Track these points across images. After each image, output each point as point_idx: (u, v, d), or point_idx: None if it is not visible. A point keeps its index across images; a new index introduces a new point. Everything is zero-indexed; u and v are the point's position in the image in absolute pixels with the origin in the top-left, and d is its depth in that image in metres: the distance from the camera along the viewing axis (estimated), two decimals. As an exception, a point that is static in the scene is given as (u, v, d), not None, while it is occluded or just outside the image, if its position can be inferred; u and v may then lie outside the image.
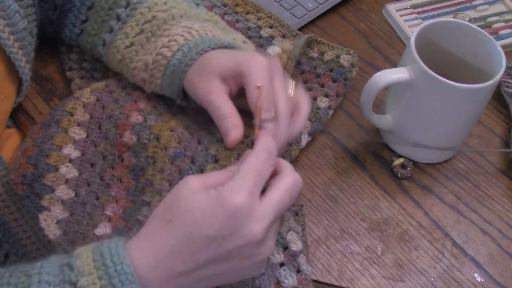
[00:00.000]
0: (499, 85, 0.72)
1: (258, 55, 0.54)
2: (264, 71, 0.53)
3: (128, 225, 0.54)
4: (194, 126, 0.60)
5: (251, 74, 0.52)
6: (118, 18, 0.63)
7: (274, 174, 0.48)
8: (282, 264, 0.55)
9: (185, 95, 0.58)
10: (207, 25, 0.60)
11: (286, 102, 0.53)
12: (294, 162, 0.66)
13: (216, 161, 0.54)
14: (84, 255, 0.44)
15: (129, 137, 0.58)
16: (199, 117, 0.61)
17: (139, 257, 0.44)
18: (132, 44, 0.62)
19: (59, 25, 0.68)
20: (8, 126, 0.66)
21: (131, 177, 0.57)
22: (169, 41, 0.58)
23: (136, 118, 0.59)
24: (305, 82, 0.70)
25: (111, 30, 0.64)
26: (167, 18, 0.61)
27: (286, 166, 0.48)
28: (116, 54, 0.63)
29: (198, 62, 0.55)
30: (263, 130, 0.51)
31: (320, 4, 0.82)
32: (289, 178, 0.47)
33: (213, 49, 0.56)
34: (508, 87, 0.72)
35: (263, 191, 0.46)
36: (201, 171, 0.54)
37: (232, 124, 0.52)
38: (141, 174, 0.57)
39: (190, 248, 0.44)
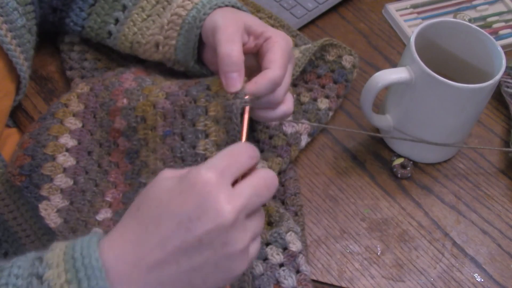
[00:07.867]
0: (499, 85, 0.72)
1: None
2: (288, 45, 0.55)
3: (127, 208, 0.54)
4: (172, 84, 0.58)
5: (278, 42, 0.54)
6: None
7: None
8: (281, 265, 0.55)
9: (198, 60, 0.59)
10: None
11: (286, 91, 0.55)
12: (294, 162, 0.65)
13: (206, 136, 0.54)
14: (57, 248, 0.42)
15: (119, 122, 0.58)
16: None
17: (107, 250, 0.42)
18: (149, 16, 0.63)
19: (64, 11, 0.68)
20: (8, 126, 0.66)
21: (127, 161, 0.58)
22: (183, 1, 0.60)
23: (122, 101, 0.59)
24: (306, 82, 0.70)
25: (124, 8, 0.65)
26: None
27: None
28: (132, 28, 0.64)
29: (218, 11, 0.56)
30: None
31: (320, 4, 0.81)
32: (264, 171, 0.45)
33: (226, 6, 0.57)
34: (508, 87, 0.72)
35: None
36: (193, 147, 0.54)
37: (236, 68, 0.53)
38: (136, 156, 0.57)
39: (157, 234, 0.41)
